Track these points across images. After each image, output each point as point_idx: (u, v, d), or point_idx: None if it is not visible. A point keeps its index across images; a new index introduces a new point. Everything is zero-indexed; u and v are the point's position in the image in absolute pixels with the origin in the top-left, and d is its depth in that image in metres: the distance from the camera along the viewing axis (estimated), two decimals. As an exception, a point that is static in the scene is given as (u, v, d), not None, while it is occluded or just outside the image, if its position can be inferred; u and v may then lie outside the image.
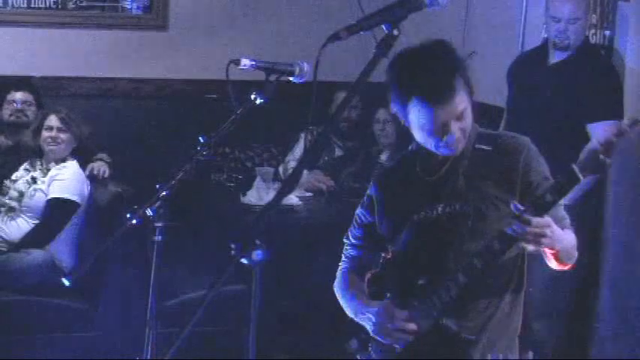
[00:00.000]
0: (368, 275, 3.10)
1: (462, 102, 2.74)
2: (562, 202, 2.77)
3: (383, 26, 2.19)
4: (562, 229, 2.72)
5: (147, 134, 6.36)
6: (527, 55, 5.19)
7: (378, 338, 2.93)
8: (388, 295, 2.98)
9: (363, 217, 3.08)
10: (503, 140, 2.91)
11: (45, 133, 5.29)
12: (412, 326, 2.85)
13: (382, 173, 3.19)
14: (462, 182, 2.85)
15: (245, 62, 3.15)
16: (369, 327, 2.96)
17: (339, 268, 3.17)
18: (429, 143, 2.81)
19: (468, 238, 2.81)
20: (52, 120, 5.30)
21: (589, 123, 4.57)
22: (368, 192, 3.07)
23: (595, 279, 4.86)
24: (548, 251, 2.72)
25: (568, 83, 4.67)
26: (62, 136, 5.28)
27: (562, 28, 4.65)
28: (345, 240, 3.17)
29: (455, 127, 2.74)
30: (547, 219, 2.61)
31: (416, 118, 2.76)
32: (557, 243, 2.66)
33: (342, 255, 3.17)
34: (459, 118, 2.75)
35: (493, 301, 2.86)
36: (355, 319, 3.02)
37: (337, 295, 3.13)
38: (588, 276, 4.75)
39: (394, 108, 2.83)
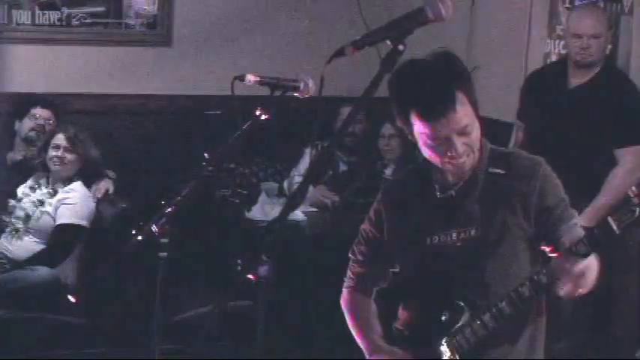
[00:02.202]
0: (374, 294, 3.06)
1: (465, 116, 2.62)
2: (579, 222, 2.77)
3: (388, 41, 2.19)
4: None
5: (151, 150, 6.36)
6: (545, 72, 5.08)
7: None
8: (402, 331, 2.95)
9: (370, 233, 2.97)
10: (517, 162, 2.80)
11: (52, 152, 5.22)
12: None
13: (391, 187, 3.07)
14: (477, 208, 2.76)
15: (249, 78, 3.16)
16: None
17: (345, 284, 3.09)
18: (434, 159, 2.71)
19: (484, 265, 2.75)
20: (60, 139, 5.23)
21: (616, 148, 4.51)
22: (375, 206, 2.96)
23: (616, 299, 4.81)
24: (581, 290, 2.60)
25: (590, 106, 4.57)
26: (68, 156, 5.21)
27: (584, 45, 4.56)
28: (350, 255, 3.06)
29: (458, 142, 2.63)
30: (585, 263, 2.52)
31: (417, 134, 2.67)
32: (592, 282, 2.58)
33: (348, 270, 3.08)
34: (462, 133, 2.63)
35: (516, 330, 2.80)
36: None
37: (345, 315, 3.07)
38: (608, 297, 4.70)
39: (399, 122, 2.74)
